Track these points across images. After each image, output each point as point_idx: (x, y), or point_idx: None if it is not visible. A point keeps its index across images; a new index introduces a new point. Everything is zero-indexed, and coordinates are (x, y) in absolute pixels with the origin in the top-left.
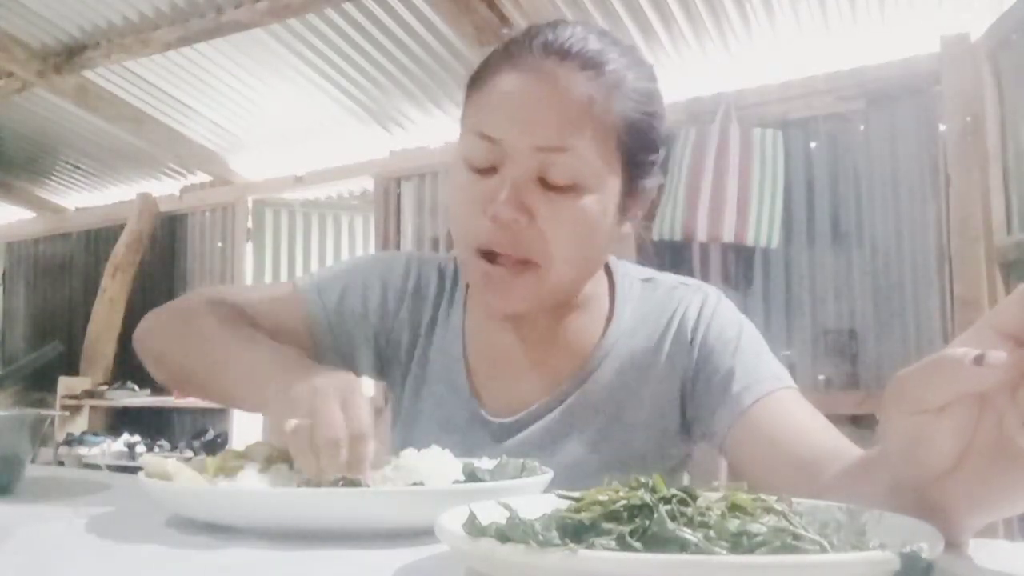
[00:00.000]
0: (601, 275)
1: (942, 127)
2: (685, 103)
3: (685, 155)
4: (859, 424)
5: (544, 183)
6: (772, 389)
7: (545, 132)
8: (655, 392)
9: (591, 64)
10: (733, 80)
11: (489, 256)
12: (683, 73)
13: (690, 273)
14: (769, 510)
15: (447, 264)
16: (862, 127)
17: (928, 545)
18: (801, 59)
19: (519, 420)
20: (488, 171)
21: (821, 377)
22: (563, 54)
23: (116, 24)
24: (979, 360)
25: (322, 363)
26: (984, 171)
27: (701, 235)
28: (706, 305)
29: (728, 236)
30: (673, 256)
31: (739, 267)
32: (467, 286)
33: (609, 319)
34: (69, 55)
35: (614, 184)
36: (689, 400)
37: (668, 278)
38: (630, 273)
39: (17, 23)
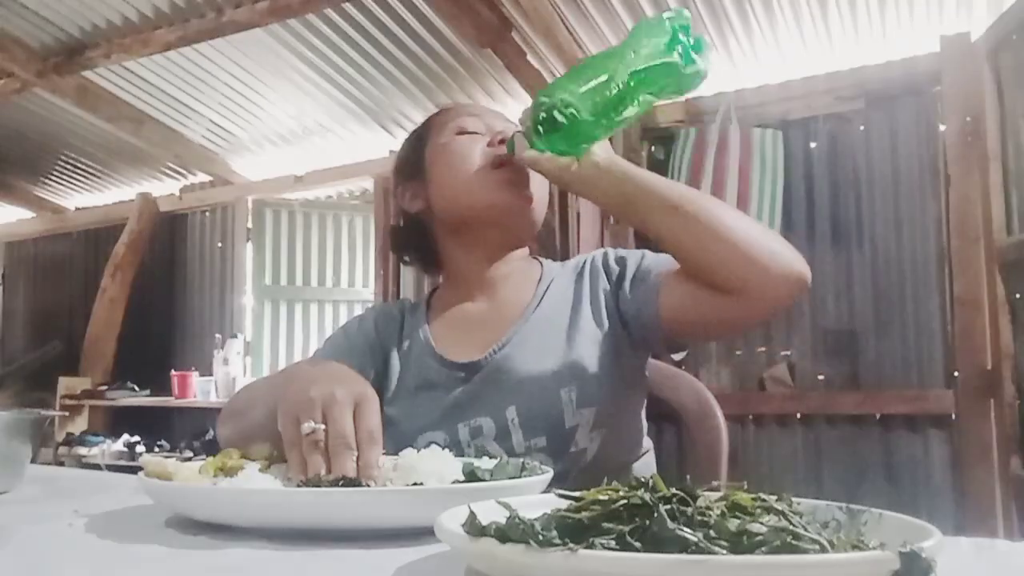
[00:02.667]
0: (533, 261)
1: (942, 127)
2: (685, 103)
3: (685, 155)
4: (859, 424)
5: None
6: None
7: (501, 115)
8: (587, 308)
9: None
10: (733, 80)
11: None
12: None
13: None
14: (769, 510)
15: (405, 301)
16: (862, 127)
17: (928, 545)
18: (801, 59)
19: (479, 360)
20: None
21: (821, 377)
22: None
23: (116, 24)
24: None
25: None
26: (984, 171)
27: None
28: (607, 248)
29: None
30: None
31: None
32: (429, 296)
33: (539, 281)
34: (69, 55)
35: None
36: (620, 301)
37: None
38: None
39: (17, 23)
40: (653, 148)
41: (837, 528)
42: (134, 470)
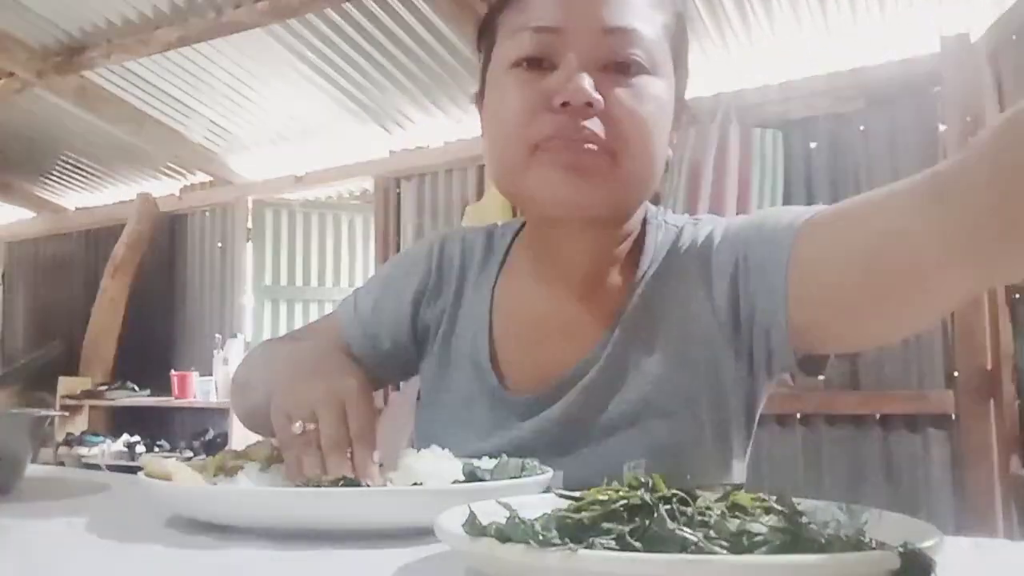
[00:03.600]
0: (637, 230)
1: (942, 127)
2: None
3: (685, 155)
4: (859, 424)
5: (612, 68)
6: (815, 211)
7: (609, 12)
8: (688, 322)
9: None
10: (733, 80)
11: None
12: None
13: None
14: (769, 510)
15: (476, 236)
16: (862, 127)
17: (928, 545)
18: (801, 59)
19: (542, 396)
20: (546, 68)
21: (821, 377)
22: None
23: (116, 24)
24: None
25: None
26: None
27: None
28: (716, 224)
29: None
30: None
31: None
32: (506, 251)
33: (633, 273)
34: (69, 55)
35: (671, 79)
36: (740, 289)
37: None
38: (665, 221)
39: (17, 23)
40: None
41: (837, 528)
42: (134, 470)
